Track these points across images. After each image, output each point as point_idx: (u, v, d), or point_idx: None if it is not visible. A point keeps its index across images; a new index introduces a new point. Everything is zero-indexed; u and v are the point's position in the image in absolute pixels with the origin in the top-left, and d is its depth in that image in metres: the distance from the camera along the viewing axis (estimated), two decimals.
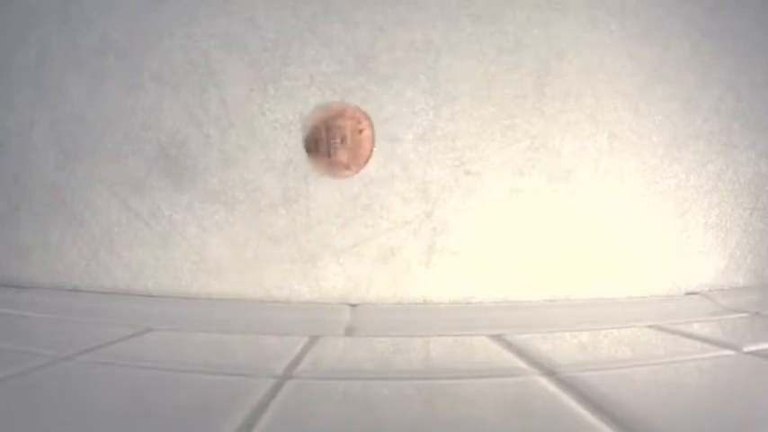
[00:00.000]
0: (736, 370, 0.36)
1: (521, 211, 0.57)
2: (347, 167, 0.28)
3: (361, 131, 0.30)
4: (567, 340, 0.44)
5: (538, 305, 0.56)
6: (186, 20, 0.56)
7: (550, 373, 0.34)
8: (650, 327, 0.47)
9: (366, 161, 0.28)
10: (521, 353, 0.39)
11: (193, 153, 0.56)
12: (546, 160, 0.57)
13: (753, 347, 0.39)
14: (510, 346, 0.41)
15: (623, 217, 0.59)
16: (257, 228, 0.55)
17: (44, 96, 0.58)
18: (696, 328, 0.47)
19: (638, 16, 0.59)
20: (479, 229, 0.56)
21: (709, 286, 0.61)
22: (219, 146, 0.55)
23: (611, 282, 0.58)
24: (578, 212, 0.58)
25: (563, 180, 0.57)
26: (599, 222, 0.58)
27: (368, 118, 0.31)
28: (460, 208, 0.56)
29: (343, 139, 0.28)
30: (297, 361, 0.36)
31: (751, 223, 0.63)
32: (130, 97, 0.56)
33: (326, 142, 0.28)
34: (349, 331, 0.46)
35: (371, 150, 0.29)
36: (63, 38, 0.57)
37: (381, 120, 0.55)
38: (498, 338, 0.43)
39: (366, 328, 0.47)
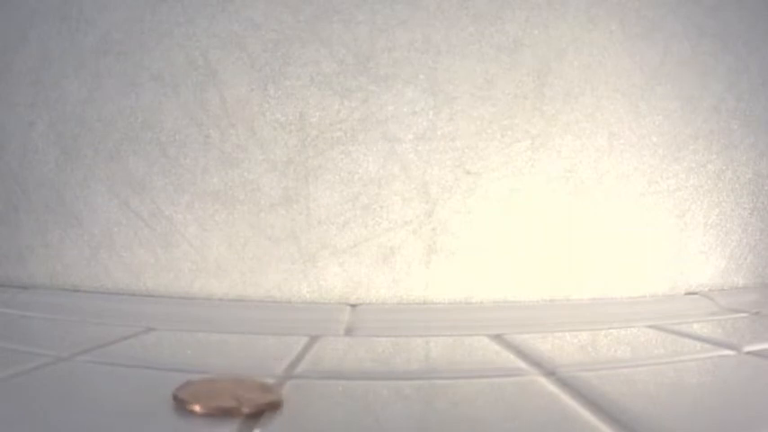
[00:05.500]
0: (736, 370, 0.36)
1: (521, 211, 0.57)
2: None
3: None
4: (567, 340, 0.44)
5: (538, 305, 0.56)
6: (186, 20, 0.56)
7: (550, 373, 0.34)
8: (650, 327, 0.47)
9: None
10: (520, 353, 0.39)
11: (193, 153, 0.56)
12: (546, 160, 0.57)
13: (753, 347, 0.39)
14: (510, 346, 0.41)
15: (623, 217, 0.59)
16: (257, 228, 0.55)
17: (44, 96, 0.58)
18: (696, 328, 0.47)
19: (639, 16, 0.59)
20: (479, 229, 0.56)
21: (709, 286, 0.61)
22: (219, 146, 0.55)
23: (610, 282, 0.58)
24: (578, 212, 0.58)
25: (563, 180, 0.57)
26: (599, 222, 0.58)
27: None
28: (460, 208, 0.56)
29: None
30: (297, 361, 0.36)
31: (751, 223, 0.63)
32: (130, 97, 0.56)
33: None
34: (349, 331, 0.46)
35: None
36: (63, 38, 0.57)
37: (381, 120, 0.55)
38: (498, 338, 0.43)
39: (366, 327, 0.47)
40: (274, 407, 0.27)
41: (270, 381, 0.31)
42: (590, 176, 0.58)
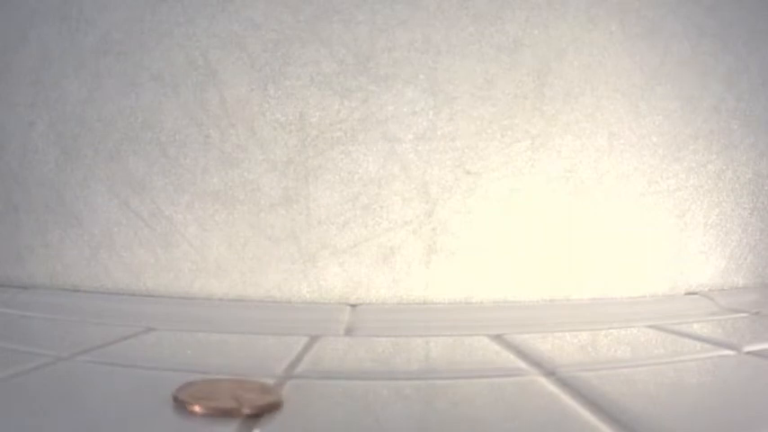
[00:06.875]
0: (736, 370, 0.36)
1: (521, 211, 0.57)
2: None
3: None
4: (567, 340, 0.44)
5: (538, 305, 0.56)
6: (186, 20, 0.56)
7: (550, 373, 0.34)
8: (650, 327, 0.47)
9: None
10: (520, 353, 0.39)
11: (193, 153, 0.56)
12: (546, 160, 0.57)
13: (753, 347, 0.39)
14: (510, 346, 0.41)
15: (623, 217, 0.59)
16: (257, 228, 0.55)
17: (44, 96, 0.58)
18: (696, 328, 0.47)
19: (639, 16, 0.59)
20: (479, 229, 0.56)
21: (709, 286, 0.61)
22: (219, 146, 0.55)
23: (610, 282, 0.58)
24: (578, 212, 0.58)
25: (563, 180, 0.57)
26: (598, 222, 0.58)
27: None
28: (460, 208, 0.56)
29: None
30: (297, 361, 0.36)
31: (751, 223, 0.63)
32: (130, 97, 0.56)
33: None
34: (349, 331, 0.46)
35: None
36: (63, 38, 0.57)
37: (381, 120, 0.55)
38: (498, 338, 0.43)
39: (366, 327, 0.47)
40: (274, 407, 0.27)
41: (270, 381, 0.31)
42: (590, 176, 0.58)
